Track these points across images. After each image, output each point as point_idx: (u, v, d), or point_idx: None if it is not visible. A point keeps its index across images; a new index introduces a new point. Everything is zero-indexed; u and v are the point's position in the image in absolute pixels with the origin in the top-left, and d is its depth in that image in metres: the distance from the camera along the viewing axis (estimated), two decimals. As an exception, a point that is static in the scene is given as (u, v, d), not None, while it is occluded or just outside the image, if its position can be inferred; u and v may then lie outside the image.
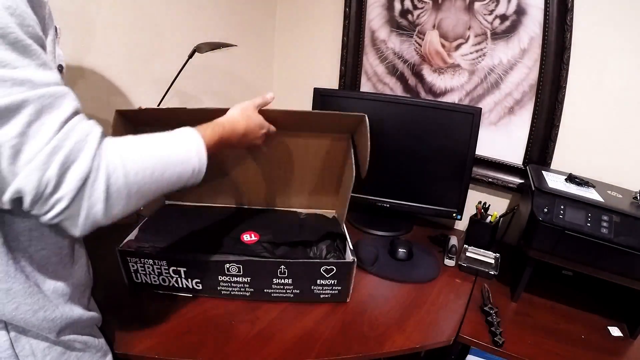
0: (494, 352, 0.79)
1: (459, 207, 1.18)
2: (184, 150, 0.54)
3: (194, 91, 1.30)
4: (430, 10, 1.20)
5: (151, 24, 1.12)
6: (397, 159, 1.19)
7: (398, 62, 1.32)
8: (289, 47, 1.55)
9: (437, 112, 1.13)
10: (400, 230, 1.25)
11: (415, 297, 0.92)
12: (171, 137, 0.54)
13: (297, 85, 1.57)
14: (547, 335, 0.83)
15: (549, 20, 1.03)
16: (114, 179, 0.45)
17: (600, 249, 0.80)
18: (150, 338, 0.72)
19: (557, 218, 0.83)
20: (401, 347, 0.76)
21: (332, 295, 0.83)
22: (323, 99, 1.21)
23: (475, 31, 1.15)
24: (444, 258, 1.08)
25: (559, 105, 1.06)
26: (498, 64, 1.15)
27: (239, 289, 0.82)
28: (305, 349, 0.72)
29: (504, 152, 1.21)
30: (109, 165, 0.44)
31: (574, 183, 0.94)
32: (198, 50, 1.02)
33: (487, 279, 1.02)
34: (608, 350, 0.81)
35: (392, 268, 1.01)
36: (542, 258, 0.87)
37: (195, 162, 0.55)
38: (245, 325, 0.77)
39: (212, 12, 1.29)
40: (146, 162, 0.48)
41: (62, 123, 0.42)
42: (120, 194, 0.46)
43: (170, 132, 0.55)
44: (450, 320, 0.85)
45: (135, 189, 0.47)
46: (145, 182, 0.48)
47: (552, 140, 1.10)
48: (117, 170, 0.45)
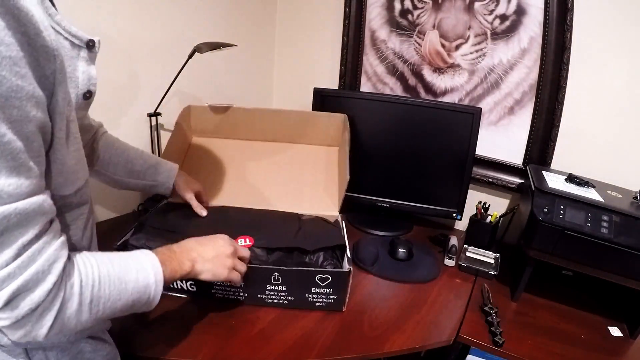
0: (494, 352, 0.79)
1: (459, 207, 1.18)
2: (142, 278, 0.52)
3: (194, 91, 1.30)
4: (430, 10, 1.20)
5: (151, 23, 1.12)
6: (397, 159, 1.19)
7: (398, 62, 1.32)
8: (289, 47, 1.55)
9: (437, 112, 1.13)
10: (400, 230, 1.25)
11: (415, 297, 0.92)
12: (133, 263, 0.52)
13: (297, 85, 1.57)
14: (547, 335, 0.83)
15: (549, 20, 1.03)
16: (66, 308, 0.43)
17: (600, 249, 0.80)
18: (150, 338, 0.72)
19: (557, 218, 0.83)
20: (401, 347, 0.76)
21: (328, 303, 0.82)
22: (323, 99, 1.21)
23: (475, 31, 1.15)
24: (444, 258, 1.08)
25: (559, 105, 1.06)
26: (498, 64, 1.15)
27: (233, 293, 0.81)
28: (305, 349, 0.72)
29: (504, 152, 1.21)
30: (65, 294, 0.43)
31: (574, 183, 0.94)
32: (198, 50, 1.02)
33: (487, 279, 1.02)
34: (608, 350, 0.81)
35: (392, 268, 1.01)
36: (542, 258, 0.87)
37: (151, 292, 0.53)
38: (245, 325, 0.77)
39: (212, 12, 1.29)
40: (104, 291, 0.47)
41: (23, 248, 0.39)
42: (70, 322, 0.44)
43: (131, 258, 0.53)
44: (450, 320, 0.85)
45: (85, 318, 0.46)
46: (98, 310, 0.47)
47: (552, 140, 1.10)
48: (73, 299, 0.44)
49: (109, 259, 0.49)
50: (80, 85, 0.48)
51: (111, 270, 0.48)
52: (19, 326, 0.41)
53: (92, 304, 0.46)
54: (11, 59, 0.34)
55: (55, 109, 0.41)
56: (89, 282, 0.45)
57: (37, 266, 0.40)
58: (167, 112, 1.16)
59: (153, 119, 1.15)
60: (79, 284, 0.44)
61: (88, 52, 0.48)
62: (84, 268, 0.46)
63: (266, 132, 1.14)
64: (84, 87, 0.48)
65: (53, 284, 0.41)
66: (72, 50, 0.46)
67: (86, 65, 0.48)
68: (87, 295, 0.45)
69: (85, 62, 0.48)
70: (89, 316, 0.46)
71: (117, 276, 0.49)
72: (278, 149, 1.14)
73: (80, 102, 0.49)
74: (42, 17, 0.37)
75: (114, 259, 0.50)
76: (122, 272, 0.50)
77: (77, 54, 0.47)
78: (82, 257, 0.47)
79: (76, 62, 0.47)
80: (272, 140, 1.15)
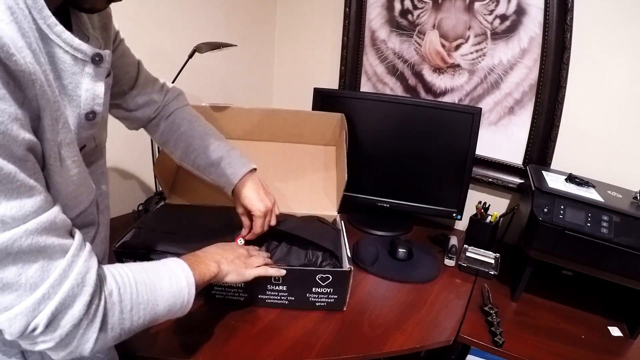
0: (494, 352, 0.79)
1: (459, 207, 1.18)
2: (175, 283, 0.52)
3: (194, 91, 1.30)
4: (430, 10, 1.20)
5: (151, 24, 1.12)
6: (397, 159, 1.19)
7: (398, 62, 1.32)
8: (289, 47, 1.55)
9: (437, 112, 1.13)
10: (400, 230, 1.24)
11: (415, 297, 0.92)
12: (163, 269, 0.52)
13: (297, 85, 1.57)
14: (547, 335, 0.83)
15: (549, 20, 1.03)
16: (108, 318, 0.42)
17: (600, 249, 0.80)
18: (150, 338, 0.71)
19: (557, 218, 0.83)
20: (401, 347, 0.76)
21: (328, 303, 0.82)
22: (323, 99, 1.21)
23: (475, 31, 1.15)
24: (444, 258, 1.08)
25: (559, 105, 1.06)
26: (498, 64, 1.15)
27: (233, 294, 0.81)
28: (305, 349, 0.72)
29: (504, 152, 1.21)
30: (106, 304, 0.42)
31: (574, 183, 0.94)
32: (198, 50, 1.02)
33: (487, 279, 1.02)
34: (608, 350, 0.81)
35: (392, 268, 1.01)
36: (542, 258, 0.87)
37: (185, 295, 0.53)
38: (245, 325, 0.77)
39: (212, 12, 1.29)
40: (142, 297, 0.46)
41: (50, 266, 0.37)
42: (114, 332, 0.43)
43: (161, 264, 0.53)
44: (450, 320, 0.85)
45: (127, 325, 0.45)
46: (139, 317, 0.46)
47: (552, 140, 1.10)
48: (114, 308, 0.43)
49: (141, 267, 0.49)
50: (83, 105, 0.44)
51: (145, 277, 0.48)
52: (64, 345, 0.40)
53: (132, 311, 0.45)
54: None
55: (43, 135, 0.38)
56: (127, 290, 0.45)
57: (71, 281, 0.39)
58: (167, 112, 1.16)
59: (153, 119, 1.15)
60: (117, 292, 0.44)
61: (94, 67, 0.44)
62: (119, 277, 0.45)
63: (264, 132, 1.14)
64: (86, 107, 0.45)
65: (91, 295, 0.40)
66: (74, 66, 0.42)
67: (91, 83, 0.44)
68: (127, 302, 0.45)
69: (90, 79, 0.44)
70: (131, 324, 0.45)
71: (152, 282, 0.48)
72: (276, 148, 1.14)
73: (82, 123, 0.45)
74: (14, 38, 0.33)
75: (145, 266, 0.50)
76: (156, 278, 0.49)
77: (80, 69, 0.43)
78: (115, 266, 0.47)
79: (79, 79, 0.43)
80: (270, 140, 1.15)
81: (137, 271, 0.48)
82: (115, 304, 0.43)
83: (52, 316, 0.37)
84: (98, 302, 0.41)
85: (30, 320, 0.37)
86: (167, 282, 0.50)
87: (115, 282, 0.44)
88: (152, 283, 0.48)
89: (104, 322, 0.42)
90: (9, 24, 0.34)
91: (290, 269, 0.79)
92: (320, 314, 0.82)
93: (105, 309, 0.42)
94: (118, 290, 0.44)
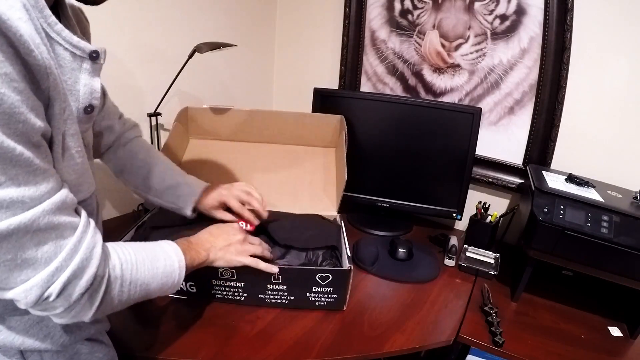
0: (494, 352, 0.79)
1: (459, 207, 1.18)
2: (169, 264, 0.57)
3: (194, 91, 1.30)
4: (430, 10, 1.21)
5: (151, 24, 1.12)
6: (397, 159, 1.19)
7: (398, 62, 1.32)
8: (289, 47, 1.55)
9: (437, 112, 1.13)
10: (400, 230, 1.25)
11: (415, 297, 0.92)
12: (159, 250, 0.58)
13: (297, 85, 1.57)
14: (547, 335, 0.83)
15: (549, 20, 1.03)
16: (111, 289, 0.47)
17: (600, 249, 0.80)
18: (150, 338, 0.72)
19: (557, 218, 0.83)
20: (401, 347, 0.76)
21: (328, 302, 0.82)
22: (323, 99, 1.21)
23: (475, 31, 1.15)
24: (444, 258, 1.08)
25: (559, 105, 1.06)
26: (498, 64, 1.15)
27: (233, 294, 0.81)
28: (305, 349, 0.72)
29: (504, 152, 1.21)
30: (110, 276, 0.47)
31: (574, 183, 0.94)
32: (198, 50, 1.02)
33: (487, 279, 1.02)
34: (608, 350, 0.81)
35: (392, 268, 1.01)
36: (542, 258, 0.87)
37: (176, 277, 0.58)
38: (245, 325, 0.77)
39: (212, 12, 1.29)
40: (140, 274, 0.51)
41: (63, 242, 0.42)
42: (112, 301, 0.48)
43: (157, 246, 0.58)
44: (450, 320, 0.85)
45: (124, 298, 0.50)
46: (135, 291, 0.51)
47: (552, 140, 1.10)
48: (117, 280, 0.48)
49: (140, 247, 0.55)
50: (81, 99, 0.47)
51: (145, 255, 0.53)
52: (69, 310, 0.44)
53: (130, 285, 0.50)
54: (7, 76, 0.34)
55: (51, 123, 0.41)
56: (128, 266, 0.50)
57: (81, 254, 0.43)
58: (167, 112, 1.16)
59: (153, 119, 1.15)
60: (120, 267, 0.49)
61: (92, 63, 0.46)
62: (122, 254, 0.50)
63: (263, 133, 1.14)
64: (85, 101, 0.47)
65: (97, 267, 0.44)
66: (73, 62, 0.45)
67: (89, 78, 0.47)
68: (127, 277, 0.49)
69: (88, 75, 0.46)
70: (128, 297, 0.50)
71: (149, 261, 0.54)
72: (276, 150, 1.14)
73: (81, 117, 0.47)
74: (32, 35, 0.36)
75: (144, 246, 0.56)
76: (153, 258, 0.55)
77: (79, 65, 0.45)
78: (118, 244, 0.51)
79: (77, 75, 0.46)
80: (270, 142, 1.15)
81: (137, 250, 0.53)
82: (117, 278, 0.48)
83: (63, 286, 0.41)
84: (103, 274, 0.46)
85: (45, 290, 0.40)
86: (162, 263, 0.56)
87: (119, 258, 0.49)
88: (150, 262, 0.54)
89: (106, 293, 0.46)
90: (27, 22, 0.36)
91: (290, 268, 0.79)
92: (320, 314, 0.82)
93: (108, 281, 0.46)
94: (120, 266, 0.49)
